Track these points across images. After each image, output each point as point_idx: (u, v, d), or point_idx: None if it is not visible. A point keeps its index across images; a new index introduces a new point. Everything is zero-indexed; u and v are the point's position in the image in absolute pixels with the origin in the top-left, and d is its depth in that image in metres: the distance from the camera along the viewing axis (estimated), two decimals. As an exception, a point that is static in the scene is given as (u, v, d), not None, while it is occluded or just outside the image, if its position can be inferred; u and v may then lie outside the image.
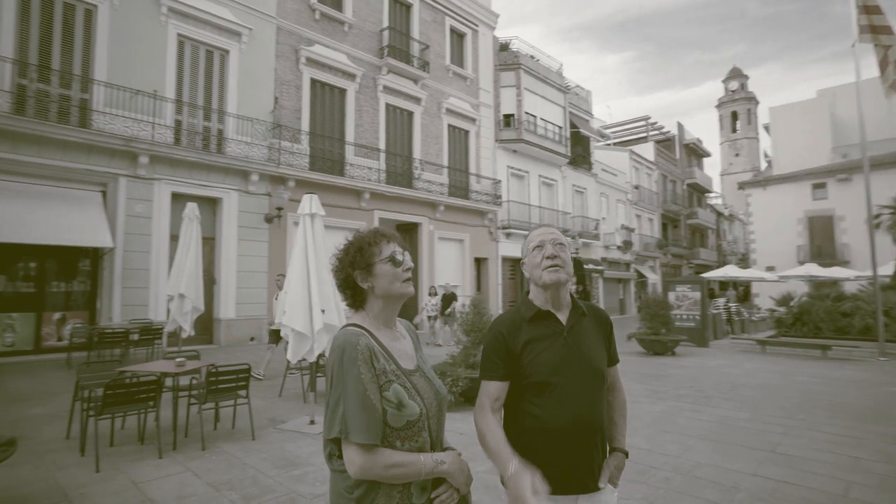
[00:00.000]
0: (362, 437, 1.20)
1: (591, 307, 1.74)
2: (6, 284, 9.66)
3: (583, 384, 1.54)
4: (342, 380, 1.24)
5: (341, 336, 1.31)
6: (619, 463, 1.62)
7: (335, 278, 1.47)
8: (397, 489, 1.26)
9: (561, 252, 1.62)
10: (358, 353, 1.26)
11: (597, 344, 1.64)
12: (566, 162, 23.70)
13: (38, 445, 4.67)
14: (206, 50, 12.26)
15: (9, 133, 9.14)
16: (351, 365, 1.24)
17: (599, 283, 26.24)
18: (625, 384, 5.72)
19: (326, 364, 1.34)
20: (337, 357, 1.27)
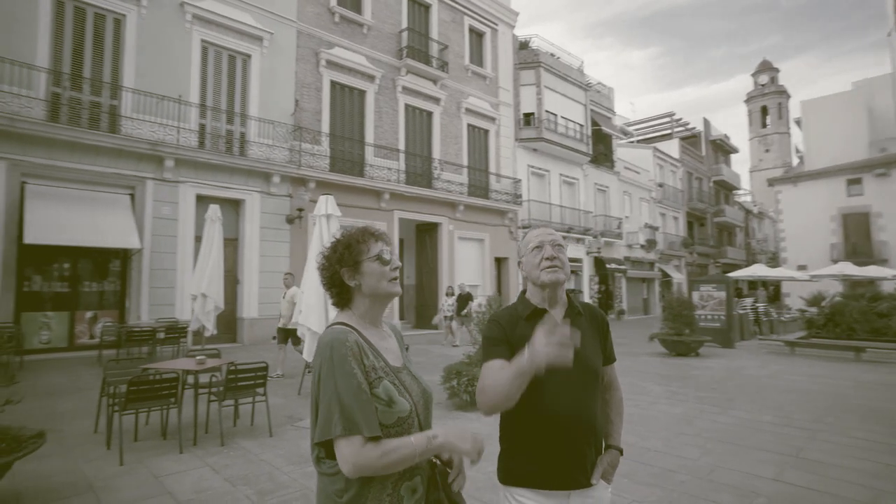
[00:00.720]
0: (366, 430, 1.19)
1: (587, 306, 1.75)
2: (42, 284, 10.06)
3: (576, 382, 1.56)
4: (332, 377, 1.23)
5: (328, 334, 1.30)
6: (614, 460, 1.64)
7: (322, 276, 1.45)
8: (387, 492, 1.25)
9: (559, 253, 1.64)
10: (347, 350, 1.26)
11: (591, 343, 1.66)
12: (588, 160, 23.43)
13: (68, 438, 4.85)
14: (228, 55, 12.54)
15: (44, 140, 9.52)
16: (342, 361, 1.24)
17: (622, 282, 25.85)
18: (645, 385, 5.69)
19: (314, 364, 1.32)
20: (325, 355, 1.26)
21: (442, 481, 1.42)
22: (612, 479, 1.64)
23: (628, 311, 25.87)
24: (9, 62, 9.29)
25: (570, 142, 21.86)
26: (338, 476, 1.24)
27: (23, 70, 9.47)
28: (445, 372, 6.42)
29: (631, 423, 5.54)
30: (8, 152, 9.25)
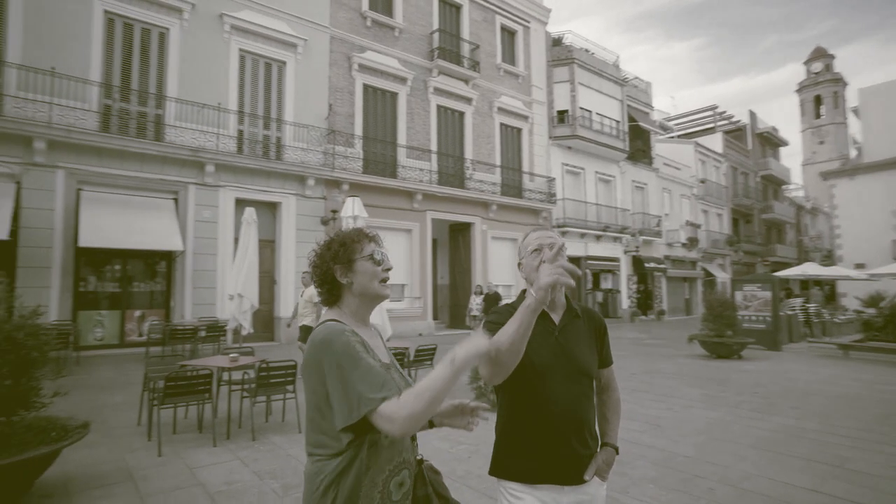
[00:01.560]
0: (395, 391, 1.21)
1: (586, 309, 1.79)
2: (96, 284, 10.68)
3: (569, 382, 1.61)
4: (340, 366, 1.24)
5: (323, 330, 1.31)
6: (609, 458, 1.68)
7: (314, 272, 1.47)
8: (377, 489, 1.28)
9: (555, 256, 1.64)
10: (348, 338, 1.29)
11: (587, 345, 1.70)
12: (624, 157, 22.89)
13: (113, 430, 5.15)
14: (264, 62, 12.95)
15: (97, 149, 10.12)
16: (345, 347, 1.26)
17: (662, 282, 25.11)
18: (680, 388, 5.55)
19: (306, 361, 1.32)
20: (323, 348, 1.26)
21: (430, 477, 1.46)
22: (607, 476, 1.68)
23: (669, 311, 25.11)
24: (66, 77, 9.92)
25: (606, 139, 21.41)
26: (328, 470, 1.25)
27: (78, 84, 10.09)
28: (473, 371, 6.42)
29: (661, 428, 5.40)
30: (66, 161, 9.88)
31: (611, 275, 22.37)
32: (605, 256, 21.62)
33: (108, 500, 3.46)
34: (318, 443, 1.30)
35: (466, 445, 4.75)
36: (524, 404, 1.59)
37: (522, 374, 1.57)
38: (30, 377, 3.35)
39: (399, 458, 1.34)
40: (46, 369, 3.48)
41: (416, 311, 15.46)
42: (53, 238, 9.68)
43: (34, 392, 3.39)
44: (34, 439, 3.38)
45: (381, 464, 1.29)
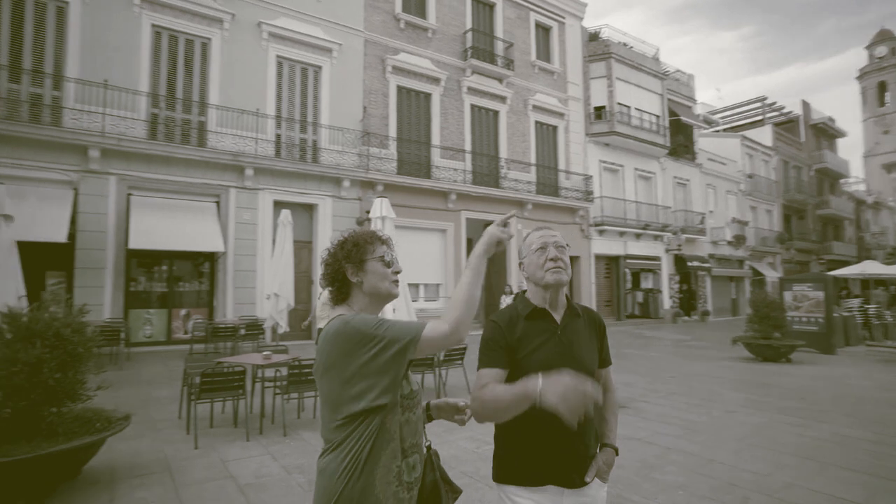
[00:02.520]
0: (424, 324, 1.34)
1: (586, 309, 1.77)
2: (146, 285, 11.25)
3: None
4: (364, 336, 1.30)
5: (335, 322, 1.36)
6: (609, 459, 1.66)
7: (325, 269, 1.52)
8: (393, 473, 1.34)
9: (562, 255, 1.67)
10: (363, 315, 1.37)
11: (588, 344, 1.68)
12: (665, 153, 22.17)
13: (156, 422, 5.41)
14: (301, 67, 13.29)
15: (145, 156, 10.65)
16: (363, 321, 1.33)
17: (707, 281, 24.18)
18: (721, 392, 5.40)
19: (324, 355, 1.35)
20: (341, 332, 1.32)
21: (437, 463, 1.52)
22: (608, 477, 1.65)
23: (714, 311, 24.16)
24: (117, 89, 10.49)
25: (645, 134, 20.81)
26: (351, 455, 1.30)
27: (128, 95, 10.65)
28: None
29: (696, 432, 5.21)
30: (117, 168, 10.45)
31: (651, 274, 21.72)
32: (645, 255, 21.02)
33: (146, 489, 3.64)
34: (332, 437, 1.35)
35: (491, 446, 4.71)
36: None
37: (524, 373, 1.54)
38: (76, 371, 3.56)
39: (412, 440, 1.40)
40: (91, 364, 3.69)
41: (451, 310, 15.48)
42: (106, 240, 10.25)
43: (80, 385, 3.60)
44: (80, 429, 3.60)
45: (394, 448, 1.35)
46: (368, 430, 1.32)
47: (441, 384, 6.73)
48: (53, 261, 9.97)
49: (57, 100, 10.21)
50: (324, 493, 1.33)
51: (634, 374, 8.76)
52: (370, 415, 1.32)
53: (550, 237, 1.69)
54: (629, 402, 6.56)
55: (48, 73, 10.20)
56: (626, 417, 5.79)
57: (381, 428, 1.34)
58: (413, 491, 1.41)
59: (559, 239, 1.69)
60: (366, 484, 1.30)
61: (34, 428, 3.41)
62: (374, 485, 1.31)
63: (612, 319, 19.87)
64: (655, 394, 7.13)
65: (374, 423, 1.32)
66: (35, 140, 9.57)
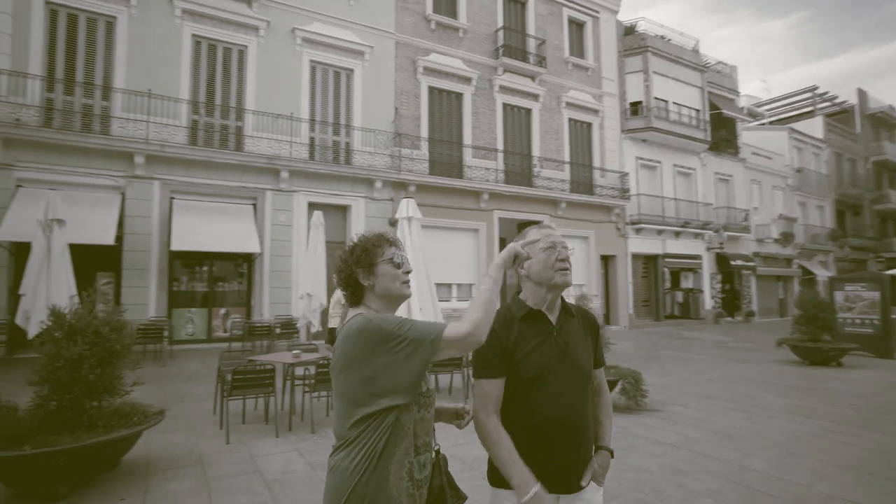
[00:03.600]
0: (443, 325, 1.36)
1: (580, 309, 1.74)
2: (187, 285, 11.71)
3: (569, 384, 1.57)
4: (386, 335, 1.32)
5: (355, 320, 1.39)
6: (604, 461, 1.64)
7: (338, 276, 1.56)
8: (405, 469, 1.37)
9: (570, 255, 1.66)
10: (383, 315, 1.40)
11: (584, 345, 1.66)
12: (706, 148, 21.38)
13: (192, 417, 5.63)
14: (333, 71, 13.53)
15: (186, 161, 11.09)
16: (383, 321, 1.35)
17: (752, 281, 23.19)
18: (763, 396, 5.21)
19: (344, 353, 1.37)
20: (362, 331, 1.34)
21: (444, 467, 1.54)
22: (604, 480, 1.63)
23: (760, 312, 23.14)
24: (160, 98, 10.98)
25: (684, 129, 20.13)
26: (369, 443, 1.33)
27: (170, 103, 11.12)
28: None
29: (732, 438, 5.00)
30: (160, 173, 10.92)
31: (692, 273, 21.01)
32: (684, 254, 20.34)
33: (178, 482, 3.80)
34: (346, 434, 1.37)
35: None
36: (523, 411, 1.55)
37: (521, 376, 1.54)
38: (114, 367, 3.75)
39: (424, 438, 1.43)
40: (127, 360, 3.87)
41: (483, 310, 15.42)
42: (151, 242, 10.74)
43: (117, 380, 3.79)
44: (118, 422, 3.78)
45: (408, 444, 1.37)
46: (383, 427, 1.34)
47: (469, 384, 6.72)
48: (103, 262, 10.52)
49: (106, 109, 10.77)
50: (335, 490, 1.34)
51: (670, 377, 8.50)
52: (387, 412, 1.34)
53: (558, 237, 1.66)
54: (662, 405, 6.37)
55: (98, 84, 10.77)
56: (656, 421, 5.62)
57: (397, 423, 1.36)
58: (422, 489, 1.43)
59: (563, 239, 1.67)
60: (380, 478, 1.32)
61: (76, 420, 3.61)
62: (388, 479, 1.33)
63: (650, 320, 19.33)
64: (691, 397, 6.90)
65: (389, 419, 1.34)
66: (86, 148, 10.13)
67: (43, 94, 10.25)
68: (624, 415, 5.88)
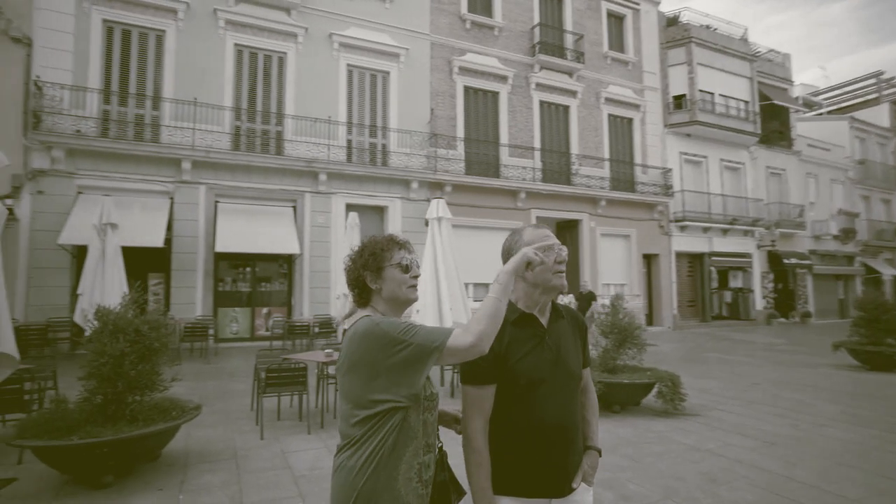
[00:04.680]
0: (449, 332, 1.36)
1: (568, 310, 1.73)
2: (231, 285, 12.19)
3: (562, 387, 1.56)
4: (391, 340, 1.33)
5: (363, 322, 1.40)
6: (593, 461, 1.64)
7: (347, 276, 1.58)
8: (414, 469, 1.39)
9: (566, 259, 1.64)
10: (390, 318, 1.42)
11: (573, 347, 1.65)
12: (755, 141, 20.35)
13: (231, 413, 5.85)
14: (370, 74, 13.74)
15: (229, 165, 11.54)
16: (391, 324, 1.37)
17: (808, 280, 21.92)
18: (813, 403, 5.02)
19: (351, 354, 1.39)
20: (369, 334, 1.36)
21: (446, 463, 1.56)
22: (593, 481, 1.63)
23: (816, 313, 21.82)
24: (205, 105, 11.47)
25: (732, 122, 19.25)
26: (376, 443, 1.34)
27: (214, 110, 11.60)
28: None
29: (776, 446, 4.75)
30: (206, 178, 11.41)
31: (741, 272, 20.07)
32: (733, 252, 19.44)
33: (212, 474, 3.95)
34: (351, 433, 1.38)
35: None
36: (515, 417, 1.52)
37: (514, 381, 1.52)
38: (153, 363, 3.94)
39: (428, 439, 1.45)
40: (165, 357, 4.06)
41: (520, 310, 15.28)
42: (197, 245, 11.23)
43: (156, 376, 3.98)
44: (157, 416, 3.98)
45: (416, 445, 1.39)
46: (389, 427, 1.35)
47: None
48: (154, 263, 11.09)
49: (156, 118, 11.34)
50: (343, 488, 1.35)
51: (712, 380, 8.14)
52: (392, 413, 1.36)
53: (554, 239, 1.62)
54: (701, 409, 6.11)
55: (149, 95, 11.37)
56: (695, 426, 5.40)
57: (405, 425, 1.37)
58: (428, 488, 1.45)
59: (558, 241, 1.64)
60: (389, 478, 1.34)
61: (119, 413, 3.82)
62: (398, 479, 1.35)
63: (695, 321, 18.60)
64: (734, 402, 6.59)
65: (394, 420, 1.36)
66: (138, 156, 10.71)
67: (100, 106, 10.90)
68: (660, 419, 5.69)
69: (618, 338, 6.33)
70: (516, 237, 1.65)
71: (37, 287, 9.93)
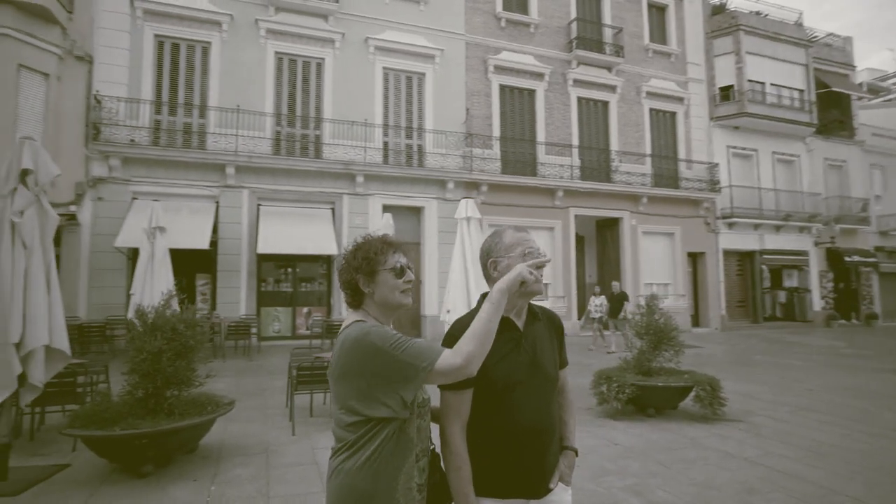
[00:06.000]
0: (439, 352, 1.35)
1: (544, 310, 1.72)
2: (273, 285, 12.60)
3: (539, 390, 1.57)
4: (380, 351, 1.32)
5: (353, 329, 1.39)
6: (570, 461, 1.66)
7: (339, 277, 1.56)
8: (413, 475, 1.40)
9: (546, 264, 1.63)
10: (380, 328, 1.39)
11: (550, 348, 1.66)
12: (812, 132, 19.17)
13: (267, 409, 6.06)
14: (405, 76, 13.89)
15: (270, 169, 11.95)
16: (382, 336, 1.35)
17: (873, 279, 20.45)
18: (877, 412, 4.76)
19: (342, 362, 1.38)
20: (359, 343, 1.34)
21: (438, 464, 1.56)
22: (570, 480, 1.65)
23: (884, 314, 20.34)
24: (247, 112, 11.92)
25: (785, 112, 18.22)
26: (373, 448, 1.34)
27: (255, 116, 12.04)
28: (595, 376, 6.08)
29: (824, 457, 4.47)
30: (249, 182, 11.86)
31: (796, 271, 18.97)
32: (787, 250, 18.41)
33: (243, 468, 4.11)
34: (345, 435, 1.38)
35: (573, 454, 4.49)
36: (494, 419, 1.52)
37: (491, 384, 1.51)
38: (188, 360, 4.14)
39: (422, 445, 1.46)
40: (200, 354, 4.25)
41: (560, 310, 15.03)
42: (241, 246, 11.69)
43: (191, 372, 4.18)
44: (193, 411, 4.17)
45: (412, 455, 1.40)
46: (385, 435, 1.35)
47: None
48: (202, 264, 11.63)
49: (202, 126, 11.89)
50: (342, 490, 1.35)
51: (759, 384, 7.74)
52: (384, 422, 1.36)
53: (534, 243, 1.62)
54: (744, 415, 5.82)
55: (196, 104, 11.92)
56: (735, 432, 5.15)
57: (402, 436, 1.38)
58: (423, 493, 1.45)
59: (538, 246, 1.64)
60: (388, 487, 1.34)
61: (158, 407, 4.03)
62: (397, 489, 1.36)
63: (745, 322, 17.73)
64: (781, 408, 6.24)
65: (389, 429, 1.36)
66: (186, 162, 11.27)
67: (152, 116, 11.54)
68: (697, 424, 5.46)
69: (653, 339, 6.13)
70: (496, 239, 1.65)
71: (97, 287, 10.61)
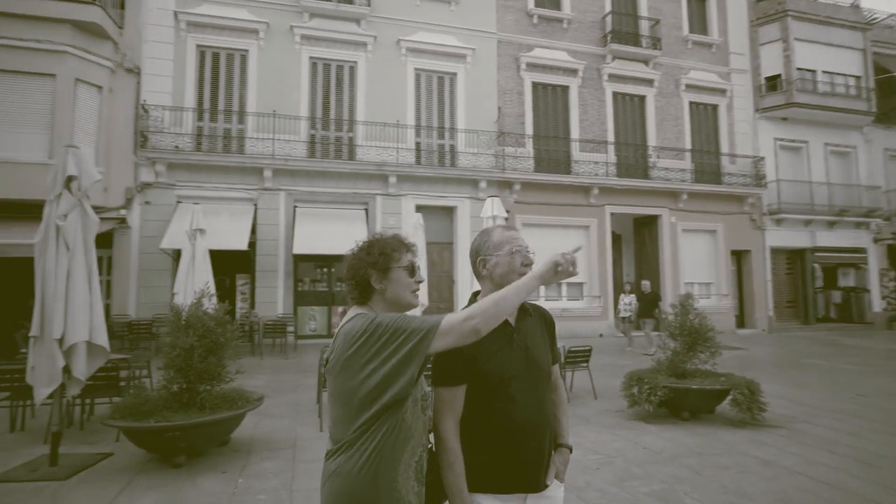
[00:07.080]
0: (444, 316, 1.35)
1: (536, 307, 1.72)
2: (309, 285, 12.91)
3: (533, 385, 1.57)
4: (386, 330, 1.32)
5: (356, 320, 1.38)
6: (565, 458, 1.68)
7: (349, 271, 1.53)
8: (412, 469, 1.39)
9: (532, 263, 1.64)
10: (384, 314, 1.39)
11: (542, 344, 1.66)
12: (870, 121, 18.00)
13: (299, 405, 6.22)
14: (437, 77, 13.94)
15: (306, 172, 12.25)
16: (386, 318, 1.34)
17: (940, 278, 19.00)
18: None
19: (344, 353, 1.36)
20: (363, 331, 1.33)
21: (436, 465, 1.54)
22: (564, 476, 1.66)
23: (952, 316, 18.87)
24: (283, 116, 12.27)
25: (839, 101, 17.19)
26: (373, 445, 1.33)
27: (291, 120, 12.37)
28: (626, 378, 5.92)
29: (874, 468, 4.21)
30: (285, 185, 12.20)
31: (853, 269, 17.86)
32: (842, 247, 17.37)
33: (271, 461, 4.23)
34: (344, 436, 1.36)
35: (599, 456, 4.40)
36: (488, 415, 1.51)
37: (484, 381, 1.51)
38: (219, 357, 4.29)
39: (421, 440, 1.46)
40: (230, 351, 4.40)
41: (596, 310, 14.76)
42: (278, 247, 12.03)
43: (222, 368, 4.33)
44: (224, 405, 4.33)
45: (414, 444, 1.41)
46: (385, 428, 1.34)
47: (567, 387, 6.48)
48: (241, 265, 12.05)
49: (241, 131, 12.31)
50: (342, 494, 1.33)
51: (805, 389, 7.34)
52: (387, 414, 1.34)
53: (523, 241, 1.63)
54: (786, 421, 5.53)
55: (235, 110, 12.36)
56: (774, 439, 4.90)
57: (403, 425, 1.36)
58: (423, 487, 1.45)
59: (528, 244, 1.65)
60: (390, 480, 1.33)
61: (191, 401, 4.20)
62: (398, 480, 1.35)
63: (796, 323, 16.85)
64: (827, 414, 5.89)
65: (390, 420, 1.34)
66: (226, 167, 11.70)
67: (194, 123, 12.03)
68: (734, 429, 5.23)
69: (687, 340, 5.92)
70: (485, 238, 1.66)
71: (145, 287, 11.16)
